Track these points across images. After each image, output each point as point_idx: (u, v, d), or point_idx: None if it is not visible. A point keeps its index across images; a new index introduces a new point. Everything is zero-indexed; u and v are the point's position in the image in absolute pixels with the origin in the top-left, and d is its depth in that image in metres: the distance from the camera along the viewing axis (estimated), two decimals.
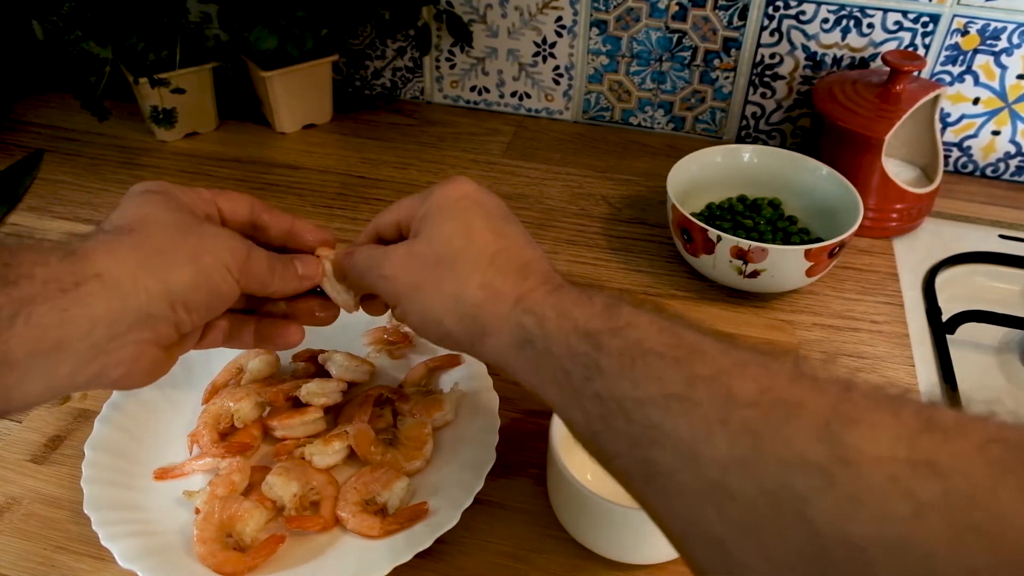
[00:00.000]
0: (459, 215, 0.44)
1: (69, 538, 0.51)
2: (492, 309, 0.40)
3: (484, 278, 0.41)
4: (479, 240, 0.43)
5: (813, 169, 0.76)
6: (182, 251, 0.41)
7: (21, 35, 1.01)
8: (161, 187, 0.44)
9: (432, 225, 0.44)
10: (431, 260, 0.43)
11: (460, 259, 0.42)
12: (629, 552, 0.50)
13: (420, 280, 0.43)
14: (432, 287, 0.42)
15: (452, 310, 0.41)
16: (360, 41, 0.99)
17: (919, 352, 0.68)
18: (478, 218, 0.44)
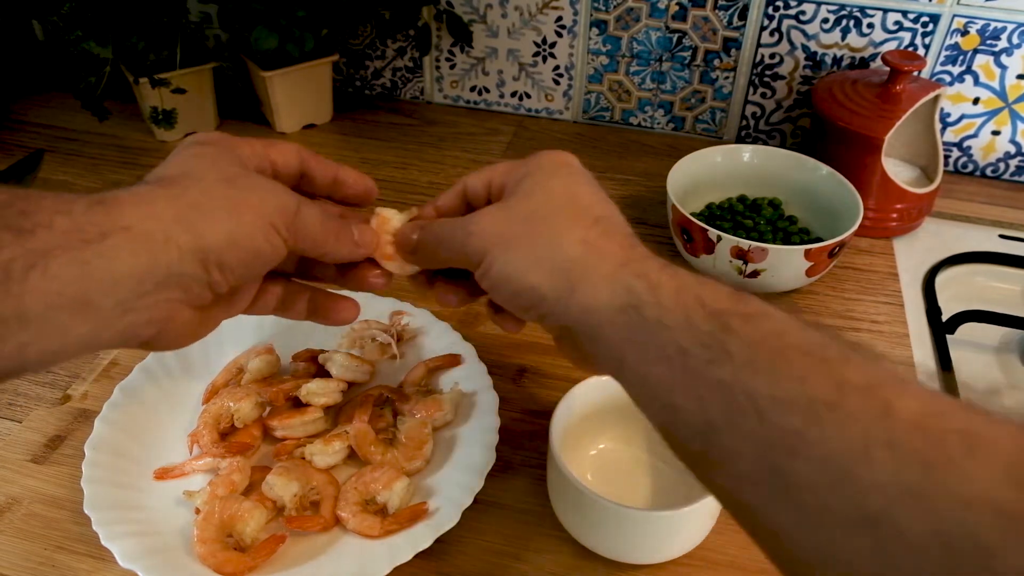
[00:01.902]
0: (563, 177, 0.41)
1: (69, 538, 0.51)
2: (592, 264, 0.37)
3: (586, 235, 0.38)
4: (583, 200, 0.40)
5: (813, 169, 0.76)
6: (222, 205, 0.37)
7: (21, 35, 1.01)
8: (214, 139, 0.41)
9: (533, 182, 0.41)
10: (527, 214, 0.40)
11: (560, 214, 0.39)
12: (629, 552, 0.50)
13: (512, 233, 0.40)
14: (524, 240, 0.39)
15: (543, 262, 0.38)
16: (360, 41, 0.99)
17: (919, 352, 0.68)
18: (583, 182, 0.41)
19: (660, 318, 0.34)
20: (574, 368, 0.64)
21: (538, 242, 0.39)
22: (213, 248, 0.36)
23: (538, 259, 0.38)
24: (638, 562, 0.50)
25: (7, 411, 0.60)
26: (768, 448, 0.29)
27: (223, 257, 0.37)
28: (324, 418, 0.57)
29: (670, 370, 0.33)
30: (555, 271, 0.38)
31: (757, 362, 0.31)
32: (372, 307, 0.65)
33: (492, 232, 0.40)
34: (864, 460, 0.27)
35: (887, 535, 0.25)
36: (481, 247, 0.40)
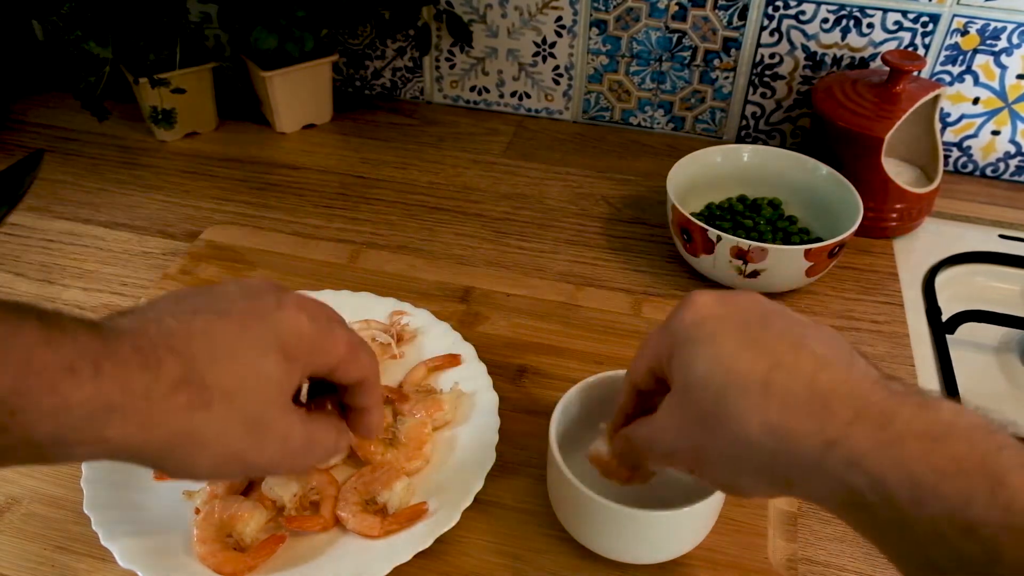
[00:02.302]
0: (705, 346, 0.36)
1: (69, 538, 0.51)
2: (791, 456, 0.32)
3: (765, 416, 0.32)
4: (739, 368, 0.34)
5: (813, 169, 0.76)
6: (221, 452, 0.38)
7: (21, 35, 1.01)
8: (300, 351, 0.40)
9: (680, 369, 0.37)
10: (696, 415, 0.35)
11: (725, 402, 0.34)
12: (629, 552, 0.50)
13: (696, 443, 0.36)
14: (711, 447, 0.35)
15: (742, 467, 0.34)
16: (360, 41, 0.99)
17: (919, 352, 0.68)
18: (729, 340, 0.35)
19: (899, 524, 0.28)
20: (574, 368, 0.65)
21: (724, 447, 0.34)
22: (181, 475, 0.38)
23: (737, 464, 0.34)
24: (638, 562, 0.50)
25: None
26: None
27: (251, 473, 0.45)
28: None
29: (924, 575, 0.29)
30: (761, 472, 0.34)
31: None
32: (372, 307, 0.65)
33: (682, 450, 0.37)
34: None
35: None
36: (684, 466, 0.38)
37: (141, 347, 0.34)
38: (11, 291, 0.71)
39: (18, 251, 0.76)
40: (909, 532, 0.28)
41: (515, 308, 0.70)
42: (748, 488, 0.35)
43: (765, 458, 0.33)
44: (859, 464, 0.29)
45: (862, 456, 0.29)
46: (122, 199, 0.83)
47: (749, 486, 0.35)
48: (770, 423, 0.32)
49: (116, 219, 0.80)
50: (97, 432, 0.33)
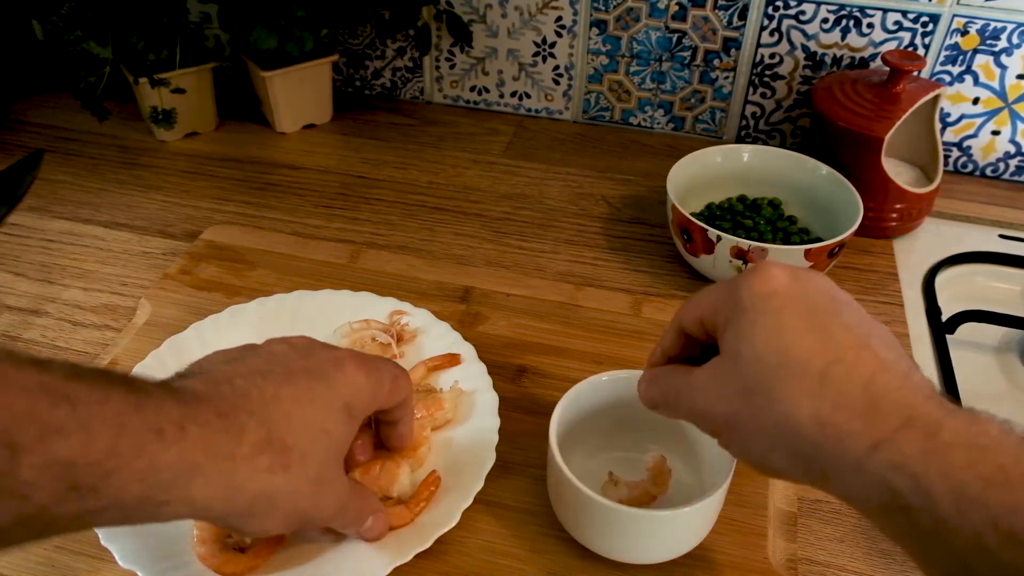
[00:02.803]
0: (769, 320, 0.34)
1: (69, 538, 0.51)
2: (834, 451, 0.31)
3: (817, 407, 0.32)
4: (799, 352, 0.33)
5: (813, 169, 0.76)
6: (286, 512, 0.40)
7: (21, 35, 1.01)
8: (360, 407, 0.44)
9: (738, 337, 0.35)
10: (742, 386, 0.34)
11: (777, 383, 0.33)
12: (629, 552, 0.50)
13: (734, 412, 0.35)
14: (749, 422, 0.34)
15: (779, 448, 0.33)
16: (360, 41, 0.99)
17: (919, 352, 0.68)
18: (794, 319, 0.34)
19: (938, 532, 0.28)
20: (574, 368, 0.64)
21: (764, 421, 0.33)
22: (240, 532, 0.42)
23: (774, 443, 0.34)
24: (638, 562, 0.50)
25: None
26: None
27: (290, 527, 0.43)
28: None
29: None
30: (797, 458, 0.33)
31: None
32: (372, 307, 0.65)
33: (717, 412, 0.36)
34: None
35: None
36: (710, 428, 0.38)
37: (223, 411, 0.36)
38: (11, 291, 0.71)
39: (18, 251, 0.76)
40: (949, 539, 0.28)
41: (515, 308, 0.70)
42: (777, 467, 0.34)
43: (807, 448, 0.32)
44: (904, 467, 0.29)
45: (907, 459, 0.29)
46: (122, 199, 0.83)
47: (780, 467, 0.34)
48: (820, 416, 0.32)
49: (116, 219, 0.80)
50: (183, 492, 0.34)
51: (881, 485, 0.30)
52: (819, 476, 0.33)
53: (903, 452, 0.29)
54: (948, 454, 0.29)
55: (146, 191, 0.84)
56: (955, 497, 0.28)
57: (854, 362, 0.33)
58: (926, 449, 0.29)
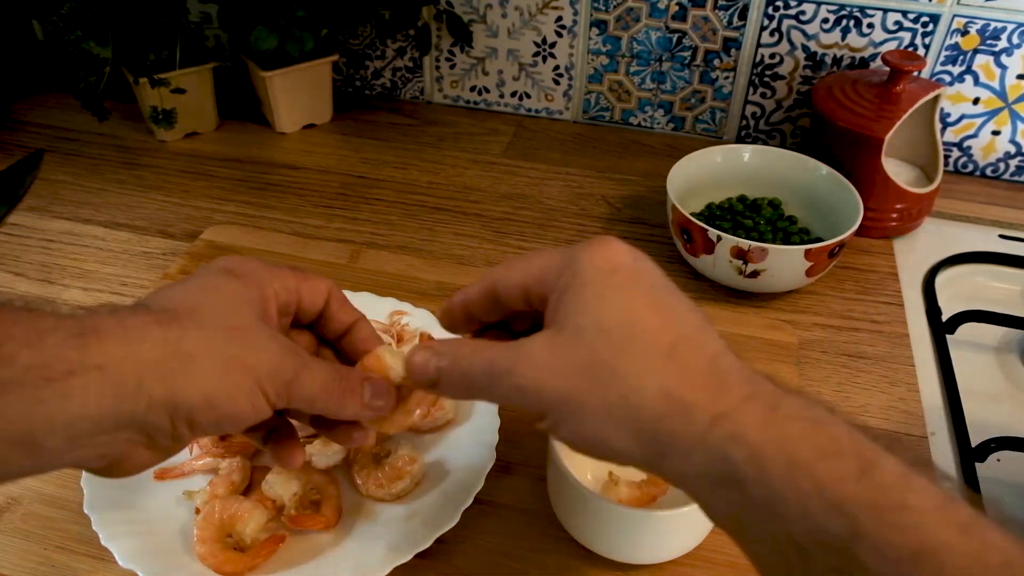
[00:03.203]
0: (614, 295, 0.34)
1: (69, 538, 0.51)
2: (679, 426, 0.31)
3: (663, 381, 0.31)
4: (647, 329, 0.32)
5: (813, 169, 0.76)
6: (214, 361, 0.35)
7: (21, 35, 1.01)
8: (243, 270, 0.39)
9: (579, 309, 0.33)
10: (585, 362, 0.32)
11: (625, 358, 0.32)
12: (629, 552, 0.50)
13: (572, 388, 0.32)
14: (591, 397, 0.32)
15: (622, 425, 0.32)
16: (360, 41, 0.99)
17: (919, 352, 0.68)
18: (640, 298, 0.34)
19: (769, 502, 0.28)
20: None
21: (608, 398, 0.32)
22: (185, 406, 0.34)
23: (616, 421, 0.32)
24: (638, 562, 0.50)
25: None
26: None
27: (195, 416, 0.34)
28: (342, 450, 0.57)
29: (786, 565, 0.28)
30: (640, 434, 0.32)
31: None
32: (372, 307, 0.65)
33: (549, 390, 0.33)
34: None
35: None
36: (537, 408, 0.34)
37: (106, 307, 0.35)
38: (11, 291, 0.71)
39: (18, 251, 0.76)
40: (778, 508, 0.28)
41: None
42: (616, 447, 0.32)
43: (650, 424, 0.31)
44: (742, 438, 0.29)
45: (747, 430, 0.29)
46: (122, 199, 0.83)
47: (618, 447, 0.32)
48: (666, 389, 0.31)
49: (116, 219, 0.80)
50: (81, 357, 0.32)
51: (720, 457, 0.30)
52: (658, 455, 0.32)
53: (743, 423, 0.30)
54: (785, 425, 0.29)
55: (146, 191, 0.84)
56: (787, 466, 0.28)
57: (699, 341, 0.33)
58: (765, 421, 0.30)
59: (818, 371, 0.66)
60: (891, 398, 0.64)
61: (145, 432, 0.34)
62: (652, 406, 0.31)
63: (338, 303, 0.43)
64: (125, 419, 0.33)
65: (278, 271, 0.40)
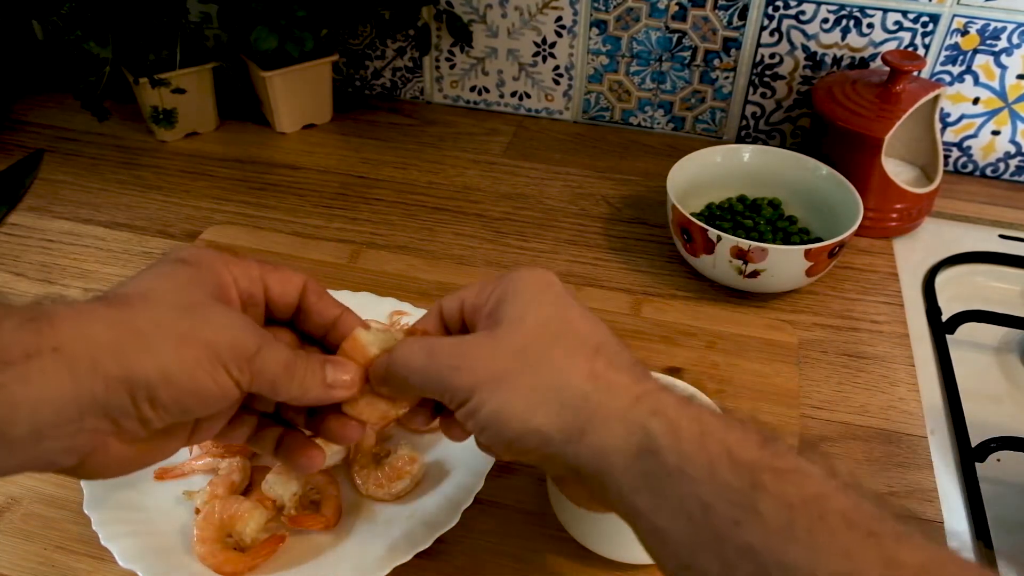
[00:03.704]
0: (550, 301, 0.37)
1: (69, 538, 0.51)
2: (603, 401, 0.34)
3: (592, 366, 0.35)
4: (579, 327, 0.36)
5: (813, 169, 0.76)
6: (167, 336, 0.34)
7: (21, 35, 1.01)
8: (198, 258, 0.38)
9: (517, 308, 0.37)
10: (520, 347, 0.35)
11: (558, 345, 0.35)
12: (629, 552, 0.50)
13: (505, 369, 0.35)
14: (521, 377, 0.35)
15: (548, 400, 0.34)
16: (360, 41, 0.99)
17: (919, 352, 0.68)
18: (572, 308, 0.37)
19: (681, 466, 0.31)
20: None
21: (539, 378, 0.34)
22: (143, 383, 0.33)
23: (542, 398, 0.34)
24: (638, 562, 0.50)
25: None
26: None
27: (155, 392, 0.33)
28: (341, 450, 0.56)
29: (691, 527, 0.30)
30: (563, 409, 0.34)
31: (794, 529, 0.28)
32: (372, 307, 0.65)
33: (481, 368, 0.36)
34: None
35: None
36: (468, 384, 0.36)
37: None
38: (11, 291, 0.71)
39: (18, 251, 0.76)
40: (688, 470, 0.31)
41: None
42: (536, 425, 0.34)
43: (575, 399, 0.34)
44: (662, 413, 0.33)
45: (666, 408, 0.33)
46: (122, 199, 0.83)
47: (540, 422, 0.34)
48: (594, 371, 0.35)
49: (116, 219, 0.80)
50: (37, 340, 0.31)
51: (640, 429, 0.33)
52: (578, 430, 0.34)
53: (664, 403, 0.34)
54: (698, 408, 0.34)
55: (146, 191, 0.84)
56: (700, 435, 0.32)
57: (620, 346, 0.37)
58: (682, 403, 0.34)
59: (818, 371, 0.66)
60: (891, 398, 0.64)
61: (109, 417, 0.33)
62: (579, 385, 0.34)
63: (317, 296, 0.42)
64: (86, 403, 0.32)
65: (238, 259, 0.40)
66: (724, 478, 0.30)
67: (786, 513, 0.28)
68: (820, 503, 0.28)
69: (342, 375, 0.39)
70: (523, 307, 0.37)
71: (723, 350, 0.66)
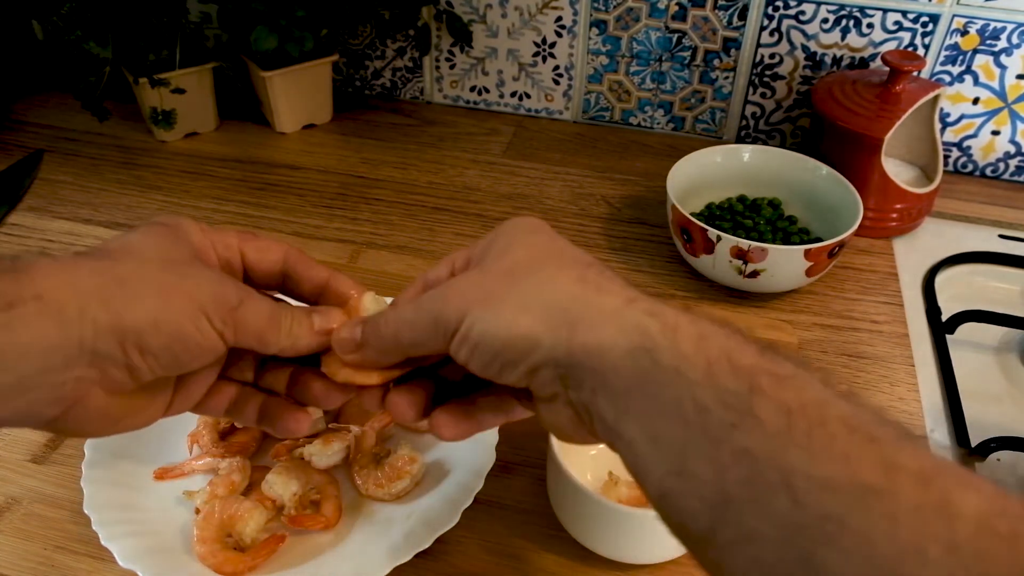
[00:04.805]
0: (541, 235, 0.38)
1: (69, 538, 0.51)
2: (593, 301, 0.33)
3: (583, 273, 0.34)
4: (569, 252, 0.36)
5: (813, 169, 0.76)
6: (151, 285, 0.34)
7: (21, 35, 1.01)
8: (174, 221, 0.39)
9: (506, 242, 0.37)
10: (508, 268, 0.35)
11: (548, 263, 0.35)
12: (629, 552, 0.50)
13: (494, 289, 0.35)
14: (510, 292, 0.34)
15: (534, 305, 0.33)
16: (360, 41, 0.99)
17: (919, 352, 0.68)
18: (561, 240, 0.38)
19: (677, 366, 0.30)
20: None
21: (526, 289, 0.34)
22: (133, 328, 0.33)
23: (528, 304, 0.33)
24: (638, 562, 0.50)
25: None
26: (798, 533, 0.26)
27: (144, 340, 0.33)
28: (323, 419, 0.57)
29: (685, 430, 0.29)
30: (551, 310, 0.33)
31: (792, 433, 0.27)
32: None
33: (471, 292, 0.35)
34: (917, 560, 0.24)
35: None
36: (459, 309, 0.35)
37: None
38: None
39: (18, 251, 0.75)
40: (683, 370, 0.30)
41: None
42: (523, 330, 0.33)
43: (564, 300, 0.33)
44: (659, 315, 0.32)
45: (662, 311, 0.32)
46: (122, 199, 0.83)
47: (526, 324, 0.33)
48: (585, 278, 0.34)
49: (116, 219, 0.80)
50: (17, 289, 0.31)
51: (635, 327, 0.31)
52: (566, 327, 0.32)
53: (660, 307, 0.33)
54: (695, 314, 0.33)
55: (146, 191, 0.84)
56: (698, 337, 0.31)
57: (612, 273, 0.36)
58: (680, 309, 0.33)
59: None
60: (891, 398, 0.64)
61: (96, 365, 0.33)
62: (567, 287, 0.34)
63: (303, 264, 0.42)
64: (74, 350, 0.32)
65: (215, 228, 0.40)
66: (722, 381, 0.29)
67: (784, 418, 0.27)
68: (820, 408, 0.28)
69: (330, 321, 0.39)
70: (513, 240, 0.37)
71: None
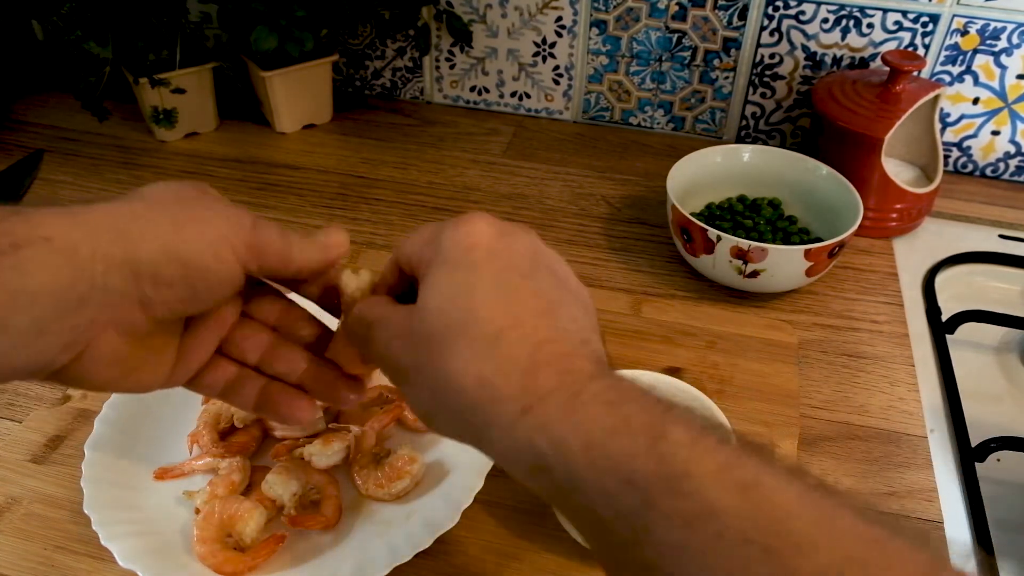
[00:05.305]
0: (463, 274, 0.34)
1: (69, 538, 0.51)
2: (489, 413, 0.31)
3: (482, 369, 0.32)
4: (482, 313, 0.33)
5: (813, 169, 0.76)
6: (166, 217, 0.34)
7: (21, 35, 1.01)
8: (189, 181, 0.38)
9: (431, 284, 0.34)
10: (425, 337, 0.33)
11: (454, 340, 0.32)
12: None
13: (413, 362, 0.34)
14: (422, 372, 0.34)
15: (444, 406, 0.33)
16: (360, 41, 0.99)
17: (919, 352, 0.68)
18: (486, 279, 0.34)
19: (574, 486, 0.29)
20: None
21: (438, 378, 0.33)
22: (147, 259, 0.33)
23: (439, 401, 0.33)
24: None
25: (7, 411, 0.60)
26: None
27: (159, 270, 0.33)
28: (323, 419, 0.57)
29: (597, 542, 0.30)
30: (456, 416, 0.33)
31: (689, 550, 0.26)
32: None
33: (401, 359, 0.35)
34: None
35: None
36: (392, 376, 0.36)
37: None
38: None
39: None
40: (583, 489, 0.29)
41: None
42: (439, 424, 0.34)
43: (466, 408, 0.32)
44: (547, 428, 0.30)
45: (551, 421, 0.30)
46: None
47: (440, 424, 0.34)
48: (483, 378, 0.32)
49: None
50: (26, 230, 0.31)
51: (528, 447, 0.30)
52: (475, 438, 0.33)
53: (547, 414, 0.30)
54: (584, 410, 0.30)
55: None
56: (585, 448, 0.29)
57: (530, 328, 0.33)
58: (566, 409, 0.30)
59: (818, 371, 0.66)
60: (891, 398, 0.64)
61: (108, 303, 0.32)
62: (468, 392, 0.32)
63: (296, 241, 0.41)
64: (85, 290, 0.31)
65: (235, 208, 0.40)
66: (614, 496, 0.28)
67: (680, 532, 0.27)
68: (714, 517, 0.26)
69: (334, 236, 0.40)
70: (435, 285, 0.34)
71: (723, 350, 0.66)
